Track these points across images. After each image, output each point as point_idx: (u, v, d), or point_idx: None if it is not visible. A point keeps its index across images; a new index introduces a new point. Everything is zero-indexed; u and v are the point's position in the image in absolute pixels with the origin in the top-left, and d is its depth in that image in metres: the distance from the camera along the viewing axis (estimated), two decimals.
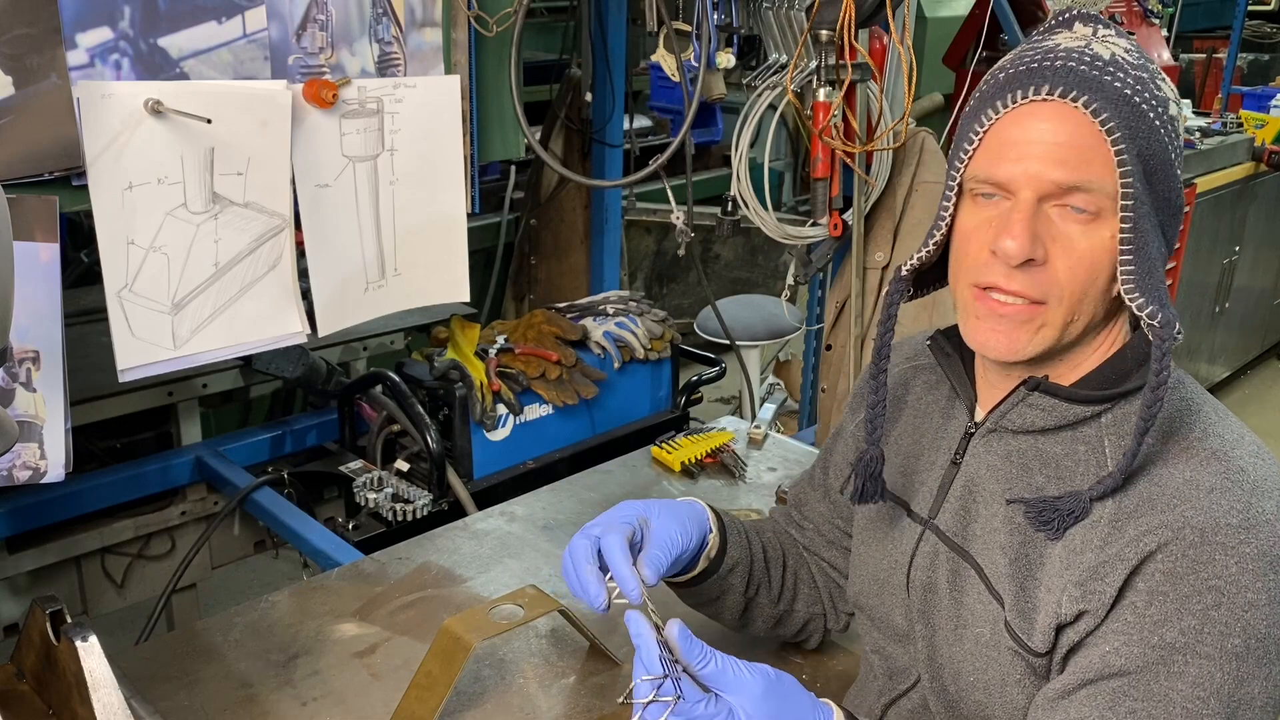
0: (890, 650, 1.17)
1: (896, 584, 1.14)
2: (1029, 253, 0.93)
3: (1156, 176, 0.93)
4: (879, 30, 2.28)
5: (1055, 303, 0.95)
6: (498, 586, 1.56)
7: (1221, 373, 5.07)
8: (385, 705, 1.28)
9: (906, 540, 1.13)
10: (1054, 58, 0.94)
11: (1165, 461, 0.95)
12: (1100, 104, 0.91)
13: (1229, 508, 0.90)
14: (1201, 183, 4.28)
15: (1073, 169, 0.92)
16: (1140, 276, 0.92)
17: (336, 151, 1.77)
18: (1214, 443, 0.95)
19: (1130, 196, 0.91)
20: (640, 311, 2.36)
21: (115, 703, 1.09)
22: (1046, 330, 0.96)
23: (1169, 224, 0.96)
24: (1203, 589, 0.88)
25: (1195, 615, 0.88)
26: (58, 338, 1.52)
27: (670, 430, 2.28)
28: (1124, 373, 0.99)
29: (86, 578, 2.23)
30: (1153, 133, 0.93)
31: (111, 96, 1.50)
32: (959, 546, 1.06)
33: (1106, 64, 0.93)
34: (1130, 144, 0.91)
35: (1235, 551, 0.88)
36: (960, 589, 1.05)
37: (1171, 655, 0.89)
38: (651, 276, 4.99)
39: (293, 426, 2.39)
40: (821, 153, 2.17)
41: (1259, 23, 7.22)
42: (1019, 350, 0.97)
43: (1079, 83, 0.92)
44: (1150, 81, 0.94)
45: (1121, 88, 0.92)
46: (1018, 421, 1.02)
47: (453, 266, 2.02)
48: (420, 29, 1.87)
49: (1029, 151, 0.93)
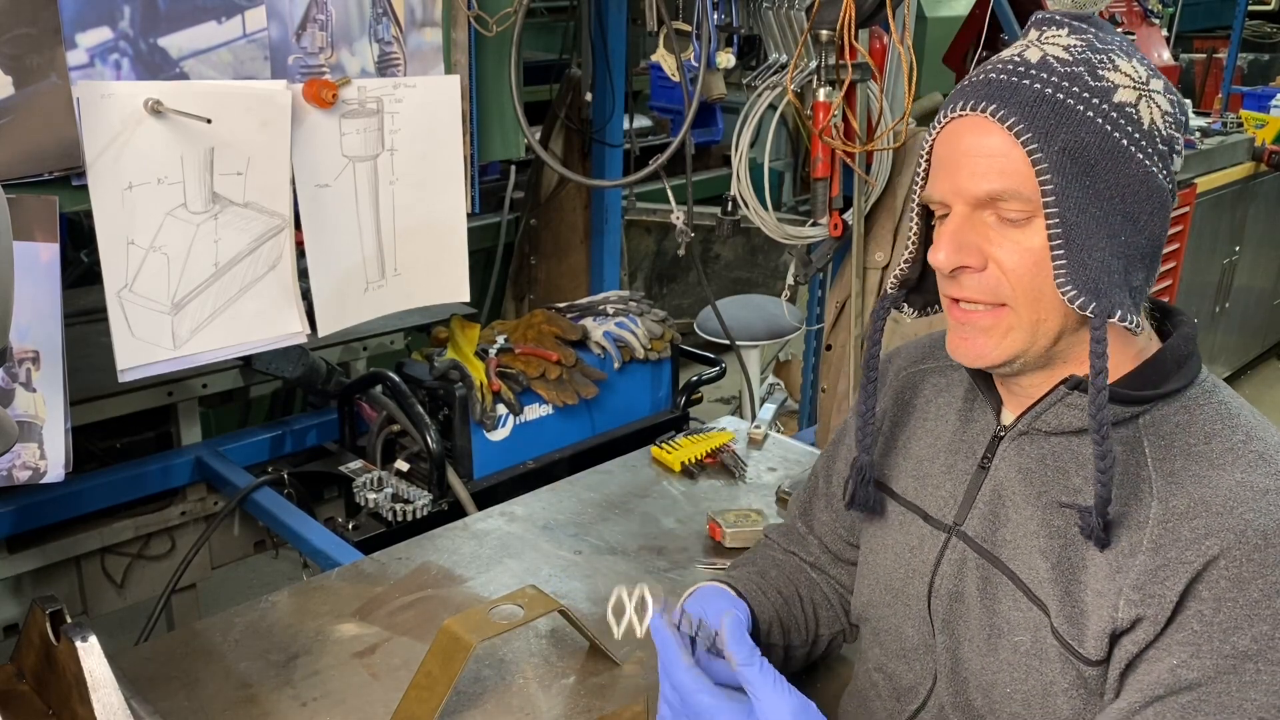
0: (894, 668, 1.15)
1: (914, 594, 1.11)
2: (956, 262, 0.97)
3: (1098, 167, 0.93)
4: (879, 30, 2.28)
5: (1014, 303, 0.97)
6: (498, 586, 1.56)
7: (1221, 373, 5.07)
8: (385, 705, 1.28)
9: (928, 548, 1.11)
10: (983, 72, 0.97)
11: (1211, 463, 0.94)
12: (1008, 110, 0.93)
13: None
14: (1201, 183, 4.28)
15: (994, 179, 0.94)
16: (1072, 270, 0.93)
17: (336, 151, 1.77)
18: (1258, 445, 0.94)
19: (1052, 194, 0.92)
20: (640, 311, 2.36)
21: (115, 703, 1.09)
22: (1016, 333, 0.98)
23: (1134, 209, 0.94)
24: (1272, 593, 0.87)
25: (1266, 621, 0.86)
26: (58, 338, 1.52)
27: (670, 430, 2.28)
28: (1163, 375, 0.99)
29: (86, 578, 2.23)
30: (1084, 125, 0.92)
31: (111, 96, 1.50)
32: (989, 553, 1.04)
33: (1030, 67, 0.95)
34: (1046, 144, 0.92)
35: None
36: (992, 597, 1.03)
37: (1244, 664, 0.87)
38: (651, 276, 4.99)
39: (293, 426, 2.39)
40: (821, 153, 2.17)
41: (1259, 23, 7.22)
42: (984, 355, 1.00)
43: (990, 93, 0.94)
44: (1087, 74, 0.94)
45: (1041, 88, 0.93)
46: (1053, 422, 1.01)
47: (453, 266, 2.02)
48: (420, 29, 1.87)
49: (956, 167, 0.97)
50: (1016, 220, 0.95)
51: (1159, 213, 0.96)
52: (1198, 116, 4.94)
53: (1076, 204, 0.93)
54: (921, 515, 1.12)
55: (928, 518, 1.12)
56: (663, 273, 5.03)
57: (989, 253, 0.96)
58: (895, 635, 1.14)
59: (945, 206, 0.99)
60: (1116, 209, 0.94)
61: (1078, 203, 0.93)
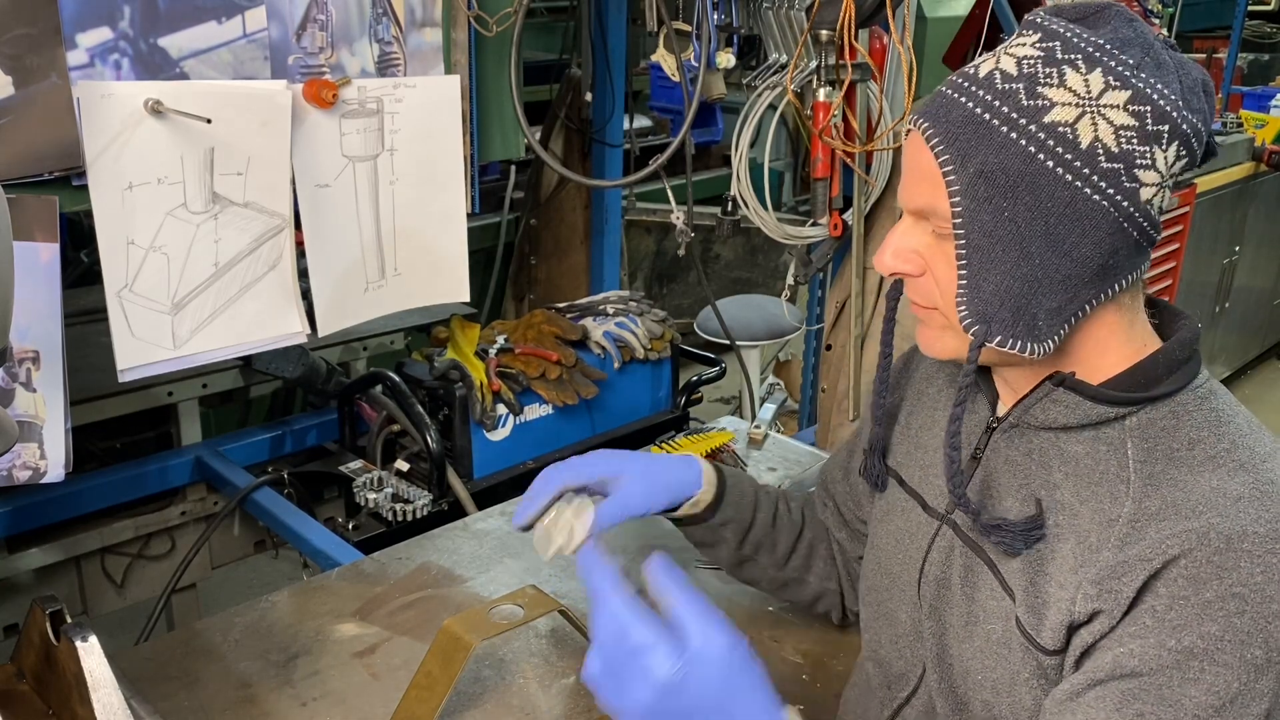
0: (886, 655, 1.17)
1: (907, 580, 1.14)
2: (892, 268, 1.02)
3: (1017, 190, 0.91)
4: (879, 30, 2.28)
5: (943, 309, 1.00)
6: (498, 586, 1.56)
7: (1221, 373, 5.07)
8: (385, 705, 1.28)
9: (922, 535, 1.13)
10: (943, 84, 0.99)
11: (1191, 468, 0.94)
12: (935, 129, 0.95)
13: (1257, 517, 0.89)
14: (1201, 183, 4.28)
15: (919, 195, 0.98)
16: (970, 292, 0.95)
17: (336, 151, 1.77)
18: (1243, 454, 0.94)
19: (960, 216, 0.94)
20: (640, 311, 2.36)
21: (115, 703, 1.09)
22: (949, 333, 1.02)
23: (1059, 232, 0.92)
24: (1226, 595, 0.86)
25: (1217, 622, 0.86)
26: (58, 338, 1.52)
27: (670, 430, 2.29)
28: (1154, 378, 0.99)
29: (86, 578, 2.23)
30: (1005, 147, 0.91)
31: (111, 96, 1.50)
32: (973, 541, 1.06)
33: (973, 83, 0.94)
34: (962, 166, 0.93)
35: (1262, 560, 0.87)
36: (973, 585, 1.05)
37: (1189, 660, 0.87)
38: (651, 276, 4.99)
39: (293, 426, 2.39)
40: (821, 153, 2.17)
41: (1259, 23, 7.22)
42: (931, 347, 1.05)
43: (926, 110, 0.97)
44: (1024, 91, 0.91)
45: (974, 108, 0.93)
46: (1041, 417, 1.02)
47: (453, 266, 2.02)
48: (420, 29, 1.87)
49: (904, 178, 1.01)
50: (942, 235, 0.98)
51: (1093, 235, 0.92)
52: None
53: (983, 228, 0.93)
54: (920, 503, 1.15)
55: (925, 506, 1.14)
56: (663, 273, 5.03)
57: (926, 260, 1.00)
58: (890, 620, 1.16)
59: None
60: (1036, 232, 0.92)
61: (984, 226, 0.93)
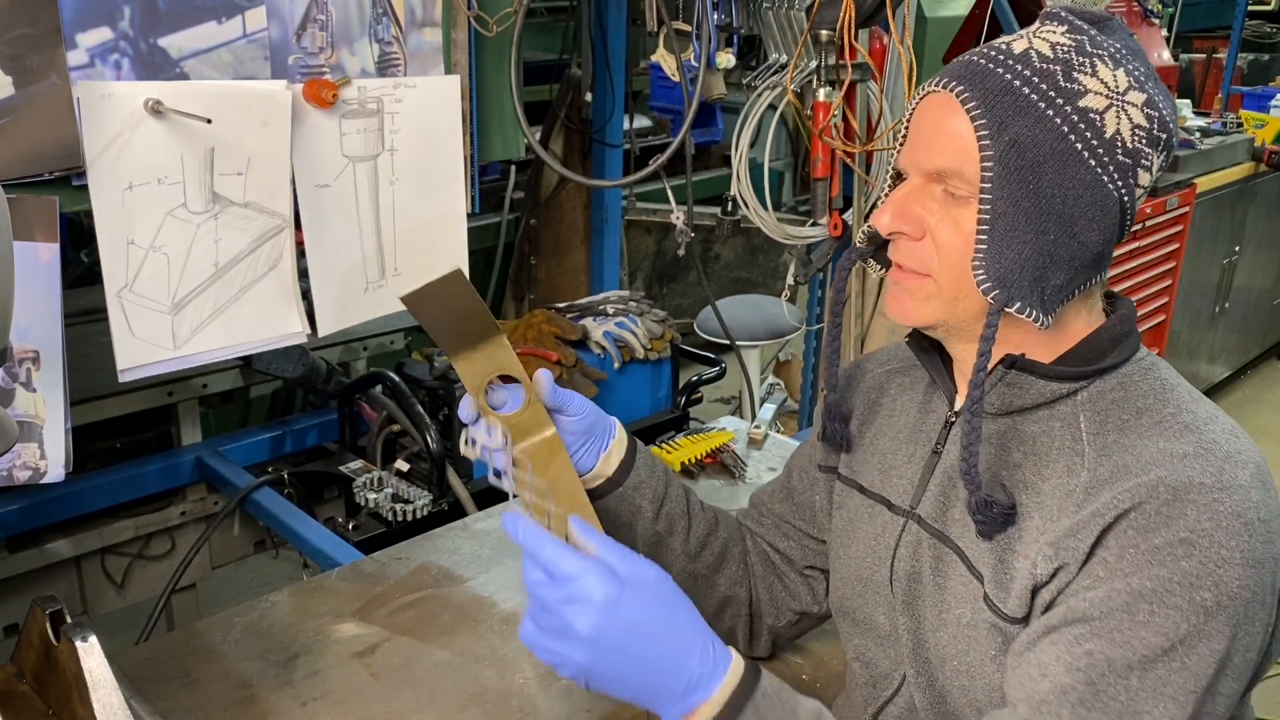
0: (871, 655, 1.18)
1: (880, 581, 1.15)
2: (893, 227, 1.01)
3: (1045, 166, 0.94)
4: (879, 30, 2.28)
5: (938, 275, 1.01)
6: (498, 586, 1.56)
7: (1221, 373, 5.06)
8: (385, 705, 1.28)
9: (889, 535, 1.14)
10: (970, 53, 1.00)
11: (1139, 434, 0.97)
12: (972, 94, 0.96)
13: (1203, 470, 0.92)
14: (1201, 183, 4.28)
15: (946, 155, 0.98)
16: (989, 257, 0.96)
17: (336, 151, 1.77)
18: (1186, 418, 0.98)
19: (989, 182, 0.95)
20: (640, 311, 2.36)
21: (115, 703, 1.09)
22: (934, 302, 1.02)
23: (1073, 213, 0.95)
24: (1174, 541, 0.89)
25: (1165, 566, 0.89)
26: (58, 338, 1.52)
27: (670, 430, 2.28)
28: (1100, 351, 1.03)
29: (86, 578, 2.23)
30: (1041, 122, 0.94)
31: (111, 96, 1.50)
32: (939, 532, 1.08)
33: (1009, 57, 0.97)
34: (998, 133, 0.95)
35: (1209, 509, 0.89)
36: (943, 574, 1.06)
37: (1138, 602, 0.89)
38: (651, 276, 4.99)
39: (293, 426, 2.39)
40: (821, 153, 2.17)
41: (1259, 23, 7.22)
42: (908, 314, 1.04)
43: (960, 74, 0.98)
44: (1061, 74, 0.95)
45: (1011, 79, 0.96)
46: (997, 403, 1.04)
47: (453, 266, 2.01)
48: (420, 29, 1.87)
49: (918, 140, 1.01)
50: (959, 198, 0.98)
51: (1100, 222, 0.96)
52: (1198, 116, 4.94)
53: (1010, 196, 0.95)
54: (886, 505, 1.16)
55: (891, 506, 1.15)
56: (663, 273, 5.03)
57: (929, 225, 1.00)
58: (870, 624, 1.17)
59: (905, 175, 1.04)
60: (1054, 209, 0.95)
61: (1011, 195, 0.95)
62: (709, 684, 0.92)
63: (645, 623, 0.92)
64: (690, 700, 0.92)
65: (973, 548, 1.03)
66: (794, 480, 1.32)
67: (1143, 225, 3.95)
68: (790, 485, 1.33)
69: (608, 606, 0.90)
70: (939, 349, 1.14)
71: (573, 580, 0.92)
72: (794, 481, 1.32)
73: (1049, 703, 0.90)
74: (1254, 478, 0.93)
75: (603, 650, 0.91)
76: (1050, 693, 0.90)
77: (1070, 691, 0.89)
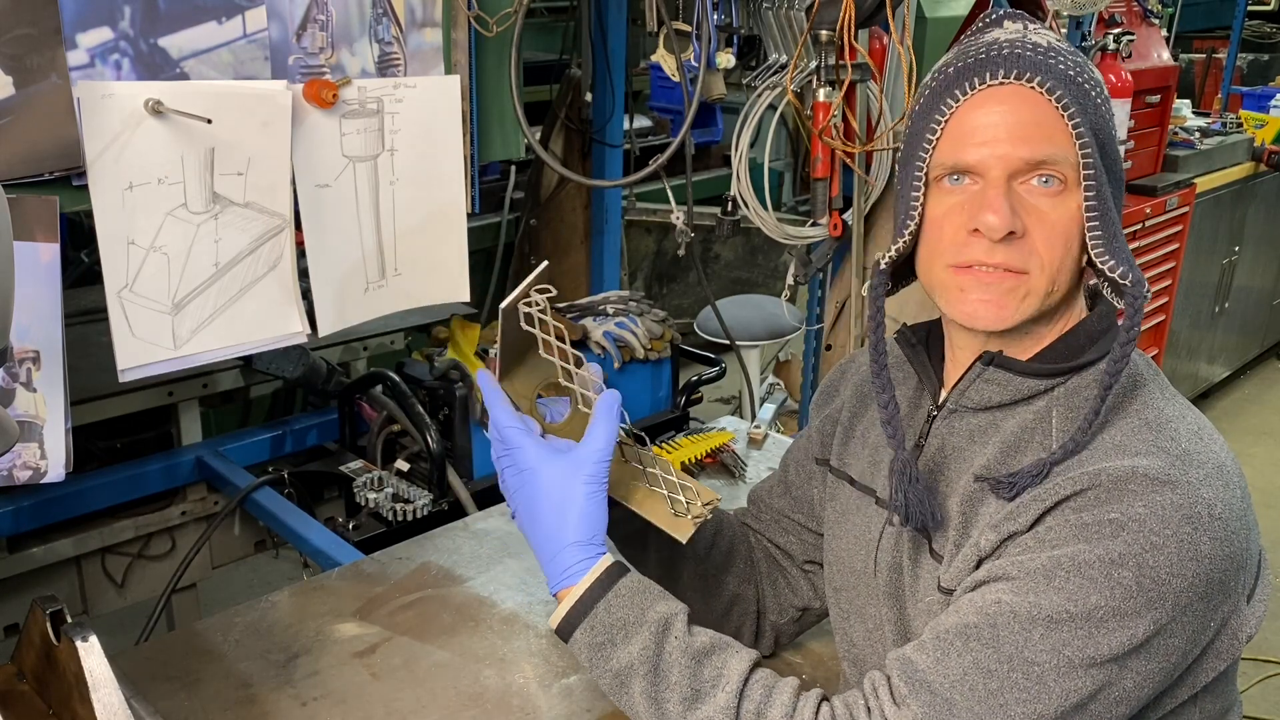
0: (860, 653, 1.20)
1: (867, 571, 1.17)
2: (1010, 225, 0.98)
3: (1107, 149, 1.00)
4: (879, 30, 2.28)
5: (1037, 272, 1.00)
6: (498, 586, 1.56)
7: (1221, 373, 5.06)
8: (385, 705, 1.28)
9: (874, 526, 1.16)
10: (999, 48, 1.00)
11: (1103, 428, 0.99)
12: (1054, 83, 0.98)
13: (1151, 463, 0.93)
14: (1201, 183, 4.28)
15: (1037, 145, 0.98)
16: (1108, 240, 0.98)
17: (336, 151, 1.77)
18: (1150, 415, 0.99)
19: (1090, 166, 0.98)
20: (640, 311, 2.36)
21: (115, 703, 1.09)
22: (1030, 299, 1.01)
23: (1118, 194, 1.02)
24: (1104, 520, 0.91)
25: (1090, 541, 0.91)
26: (58, 338, 1.52)
27: (670, 430, 2.28)
28: (1078, 348, 1.04)
29: (86, 578, 2.22)
30: (1098, 109, 1.00)
31: (111, 96, 1.50)
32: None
33: (1047, 50, 1.00)
34: (1084, 118, 0.98)
35: (1145, 497, 0.91)
36: (918, 564, 1.09)
37: (1056, 569, 0.91)
38: (651, 276, 4.99)
39: (293, 426, 2.39)
40: (821, 153, 2.17)
41: (1259, 23, 7.22)
42: (1005, 318, 1.01)
43: (1030, 66, 0.99)
44: (1086, 65, 1.02)
45: (1066, 69, 0.99)
46: (976, 398, 1.06)
47: (453, 266, 2.02)
48: (420, 29, 1.87)
49: (994, 134, 0.99)
50: (1054, 191, 0.99)
51: (1118, 205, 1.03)
52: (1197, 116, 4.94)
53: (1101, 179, 0.99)
54: (874, 497, 1.18)
55: (878, 500, 1.17)
56: (663, 273, 5.03)
57: (1026, 221, 0.99)
58: (860, 616, 1.19)
59: (974, 174, 1.01)
60: (1114, 190, 1.00)
61: (1102, 178, 0.99)
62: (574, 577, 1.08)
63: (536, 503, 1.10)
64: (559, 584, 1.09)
65: (941, 538, 1.06)
66: (791, 475, 1.34)
67: (1142, 225, 3.95)
68: (788, 480, 1.34)
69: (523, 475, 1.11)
70: (927, 346, 1.16)
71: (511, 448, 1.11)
72: (791, 476, 1.34)
73: (949, 633, 0.94)
74: (1210, 476, 0.93)
75: (516, 501, 1.12)
76: (954, 627, 0.95)
77: (971, 629, 0.93)
